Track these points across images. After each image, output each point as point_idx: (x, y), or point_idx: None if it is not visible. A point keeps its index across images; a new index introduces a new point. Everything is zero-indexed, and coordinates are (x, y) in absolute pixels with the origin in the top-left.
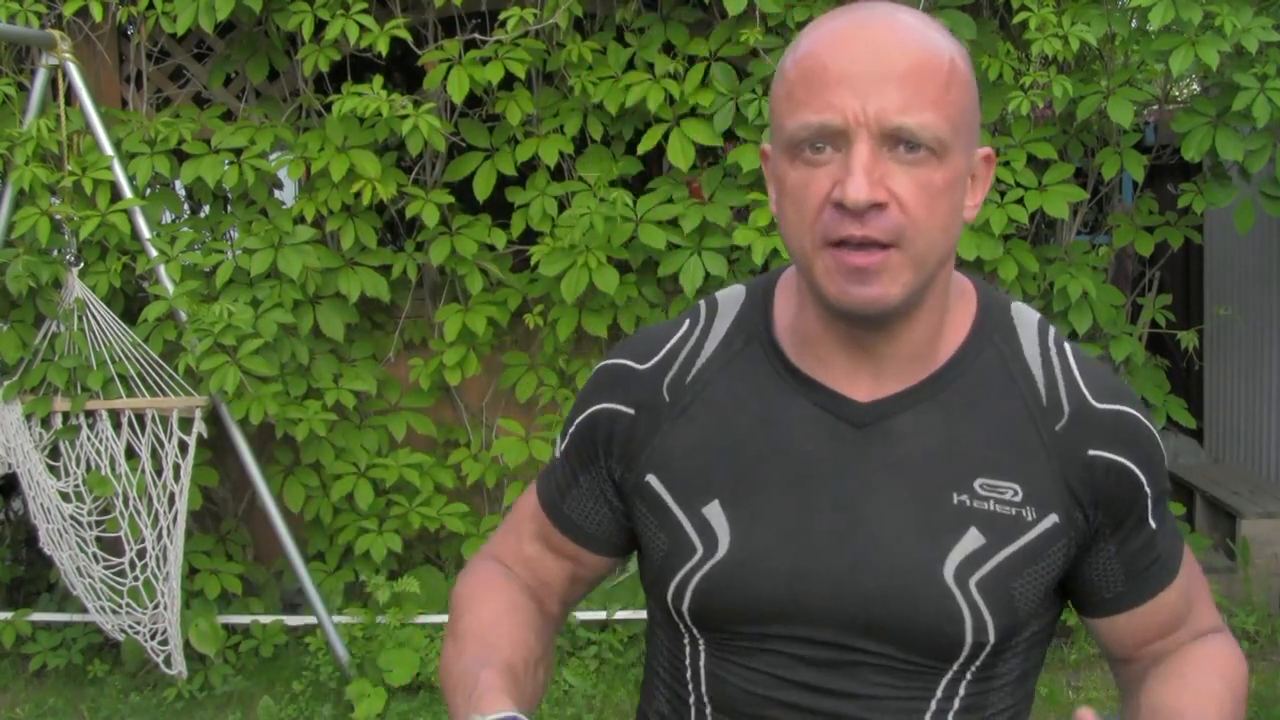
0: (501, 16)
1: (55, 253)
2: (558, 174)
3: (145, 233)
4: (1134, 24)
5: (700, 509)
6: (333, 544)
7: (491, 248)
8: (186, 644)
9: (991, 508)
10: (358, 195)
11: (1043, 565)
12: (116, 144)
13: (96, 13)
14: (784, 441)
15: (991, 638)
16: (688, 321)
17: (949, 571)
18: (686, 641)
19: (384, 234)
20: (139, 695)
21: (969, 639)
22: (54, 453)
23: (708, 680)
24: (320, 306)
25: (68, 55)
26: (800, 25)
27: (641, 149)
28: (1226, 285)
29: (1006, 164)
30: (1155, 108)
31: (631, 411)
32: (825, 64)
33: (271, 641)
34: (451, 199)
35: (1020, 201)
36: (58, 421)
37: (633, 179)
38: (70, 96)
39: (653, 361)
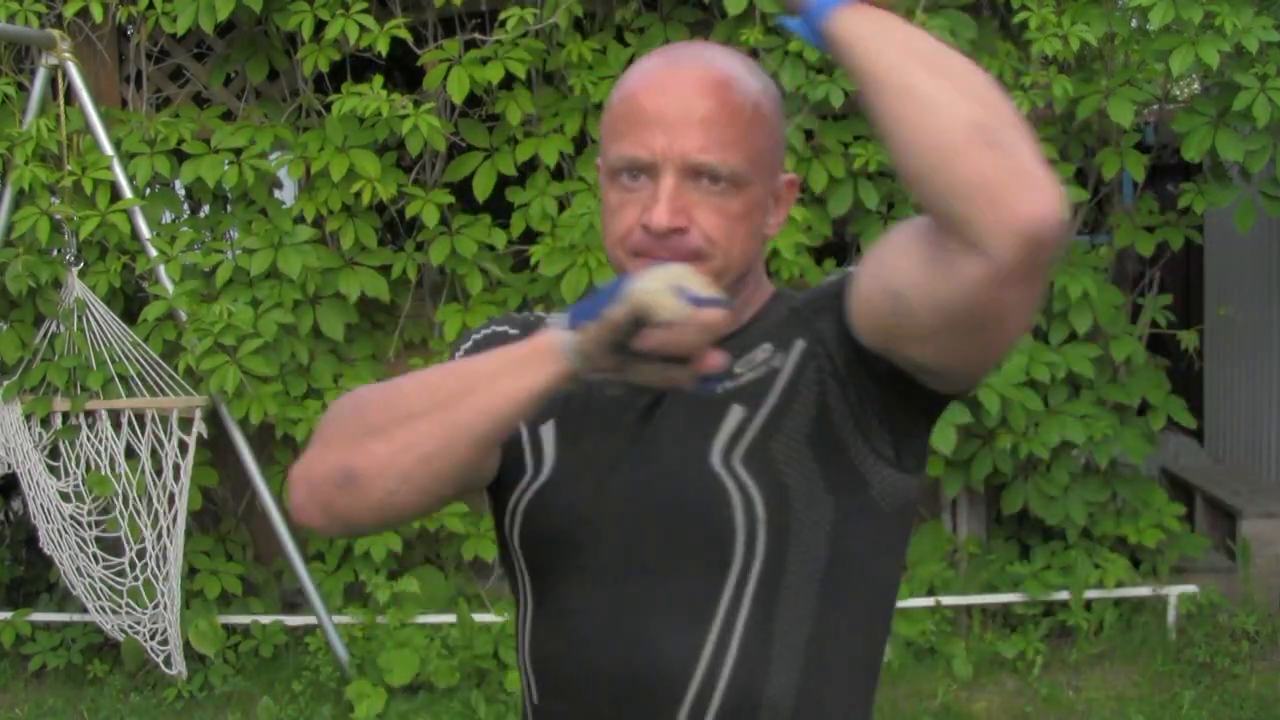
0: (501, 16)
1: (55, 253)
2: (558, 174)
3: (145, 233)
4: (1134, 24)
5: (539, 426)
6: (332, 544)
7: (491, 248)
8: (186, 644)
9: (749, 378)
10: (358, 195)
11: (799, 403)
12: (116, 144)
13: (96, 13)
14: (602, 387)
15: (760, 512)
16: None
17: (716, 456)
18: (520, 600)
19: (384, 234)
20: (139, 695)
21: (740, 519)
22: (54, 453)
23: (531, 645)
24: (320, 306)
25: (68, 55)
26: None
27: None
28: (1226, 285)
29: None
30: (1155, 108)
31: (517, 332)
32: (642, 104)
33: (271, 641)
34: (451, 199)
35: None
36: (58, 421)
37: None
38: (70, 96)
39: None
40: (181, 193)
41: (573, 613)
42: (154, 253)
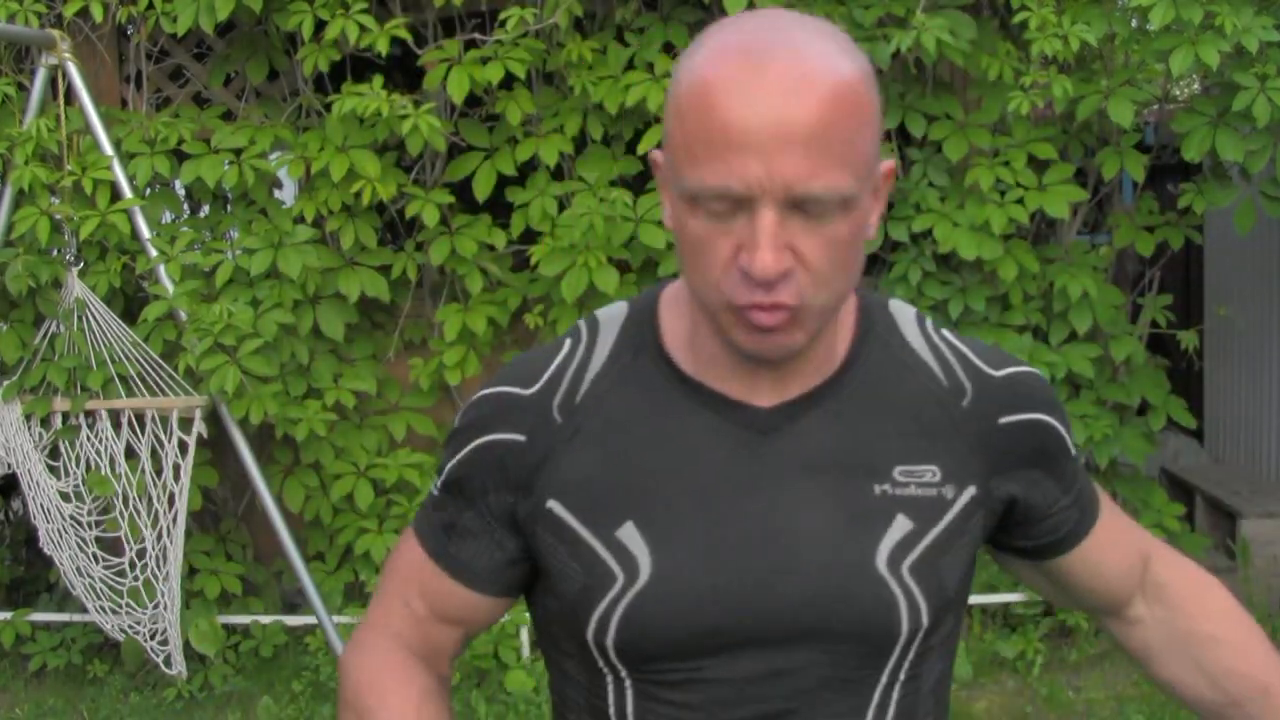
0: (501, 16)
1: (55, 253)
2: (558, 174)
3: (145, 233)
4: (1134, 24)
5: (614, 532)
6: (333, 544)
7: (491, 248)
8: (186, 644)
9: (914, 492)
10: (358, 195)
11: (965, 539)
12: (116, 144)
13: (96, 13)
14: (689, 455)
15: (925, 621)
16: (569, 341)
17: (881, 561)
18: (610, 681)
19: (384, 234)
20: (139, 695)
21: (904, 625)
22: (54, 453)
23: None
24: (320, 306)
25: (68, 55)
26: None
27: (641, 149)
28: (1226, 285)
29: (1006, 164)
30: (1155, 108)
31: (523, 438)
32: (726, 120)
33: (271, 641)
34: (451, 199)
35: (1020, 201)
36: (58, 421)
37: (633, 179)
38: (70, 96)
39: (538, 385)
40: (181, 193)
41: (691, 715)
42: (154, 253)
